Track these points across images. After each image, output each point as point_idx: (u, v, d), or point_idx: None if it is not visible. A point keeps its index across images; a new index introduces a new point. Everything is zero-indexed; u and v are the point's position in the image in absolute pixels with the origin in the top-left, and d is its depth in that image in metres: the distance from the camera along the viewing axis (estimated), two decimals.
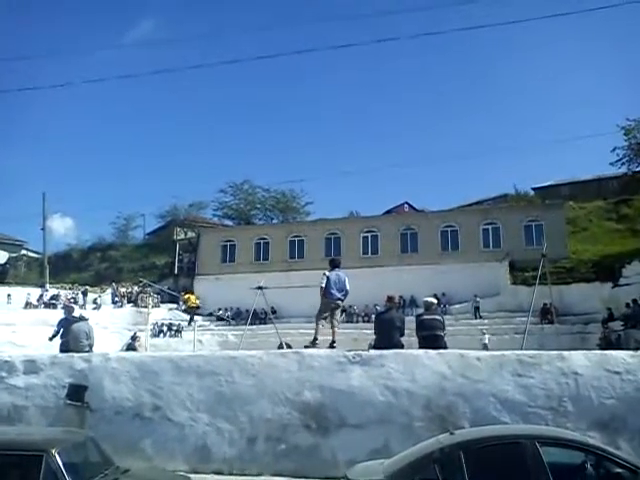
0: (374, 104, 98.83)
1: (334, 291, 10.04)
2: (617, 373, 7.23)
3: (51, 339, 11.64)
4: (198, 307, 33.53)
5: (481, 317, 30.86)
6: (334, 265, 10.45)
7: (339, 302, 10.27)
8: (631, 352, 7.74)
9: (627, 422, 7.00)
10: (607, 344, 22.14)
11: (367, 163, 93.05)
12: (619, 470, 5.08)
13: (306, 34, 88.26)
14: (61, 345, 11.02)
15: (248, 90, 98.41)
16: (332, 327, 10.27)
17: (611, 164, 42.33)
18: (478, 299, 31.32)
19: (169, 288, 40.37)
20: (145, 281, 38.99)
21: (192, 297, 34.04)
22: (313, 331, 10.31)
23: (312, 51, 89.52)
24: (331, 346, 9.82)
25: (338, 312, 10.48)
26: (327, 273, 10.16)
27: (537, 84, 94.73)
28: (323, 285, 10.02)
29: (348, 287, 10.27)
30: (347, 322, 32.18)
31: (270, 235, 39.99)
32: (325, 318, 10.21)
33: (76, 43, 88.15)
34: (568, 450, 5.39)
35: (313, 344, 9.73)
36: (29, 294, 35.53)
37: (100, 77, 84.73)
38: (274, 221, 49.19)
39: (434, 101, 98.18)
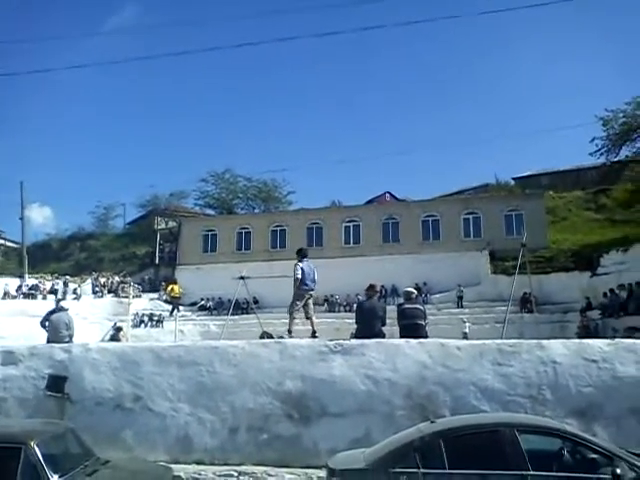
0: (357, 93, 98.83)
1: (308, 281, 10.13)
2: (594, 361, 7.33)
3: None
4: (179, 297, 33.37)
5: (463, 306, 31.10)
6: (303, 255, 10.46)
7: (312, 292, 10.31)
8: (608, 340, 7.85)
9: (603, 409, 7.11)
10: (585, 333, 22.44)
11: (349, 153, 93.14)
12: (595, 456, 5.19)
13: (292, 23, 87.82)
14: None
15: (231, 79, 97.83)
16: (310, 318, 10.34)
17: (590, 154, 42.66)
18: (462, 288, 31.55)
19: (150, 278, 40.20)
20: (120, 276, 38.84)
21: (175, 287, 33.83)
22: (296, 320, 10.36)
23: (294, 39, 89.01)
24: (313, 336, 9.85)
25: (311, 302, 10.51)
26: (300, 264, 10.19)
27: (520, 74, 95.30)
28: (299, 276, 10.04)
29: (317, 277, 10.35)
30: (329, 311, 32.34)
31: (252, 225, 39.86)
32: (298, 309, 10.24)
33: (56, 30, 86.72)
34: (546, 437, 5.49)
35: (289, 336, 9.75)
36: (7, 284, 35.09)
37: (81, 64, 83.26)
38: (256, 211, 49.03)
39: (417, 90, 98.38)
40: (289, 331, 10.08)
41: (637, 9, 78.14)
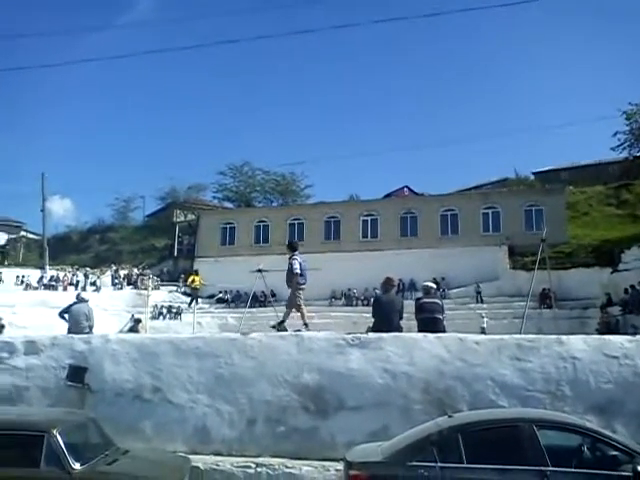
0: (375, 88, 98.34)
1: (305, 275, 10.19)
2: (615, 358, 7.24)
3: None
4: (199, 288, 33.43)
5: (482, 301, 30.93)
6: (294, 249, 10.50)
7: (304, 287, 10.34)
8: (629, 337, 7.75)
9: (624, 406, 7.02)
10: (606, 329, 22.18)
11: (368, 147, 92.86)
12: (615, 453, 5.13)
13: (308, 15, 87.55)
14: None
15: (249, 73, 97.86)
16: (293, 310, 10.36)
17: (612, 149, 42.08)
18: (480, 285, 31.39)
19: (168, 270, 40.52)
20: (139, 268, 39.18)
21: (197, 278, 33.84)
22: (310, 314, 10.37)
23: (308, 32, 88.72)
24: (280, 326, 9.92)
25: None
26: (298, 259, 10.21)
27: (542, 68, 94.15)
28: (298, 271, 10.07)
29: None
30: (346, 305, 32.34)
31: (270, 218, 39.96)
32: (301, 301, 10.26)
33: (75, 24, 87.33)
34: (565, 433, 5.44)
35: (306, 329, 9.76)
36: (28, 276, 35.58)
37: (97, 58, 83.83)
38: (274, 204, 49.20)
39: (436, 85, 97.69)
40: (305, 324, 10.08)
41: None
